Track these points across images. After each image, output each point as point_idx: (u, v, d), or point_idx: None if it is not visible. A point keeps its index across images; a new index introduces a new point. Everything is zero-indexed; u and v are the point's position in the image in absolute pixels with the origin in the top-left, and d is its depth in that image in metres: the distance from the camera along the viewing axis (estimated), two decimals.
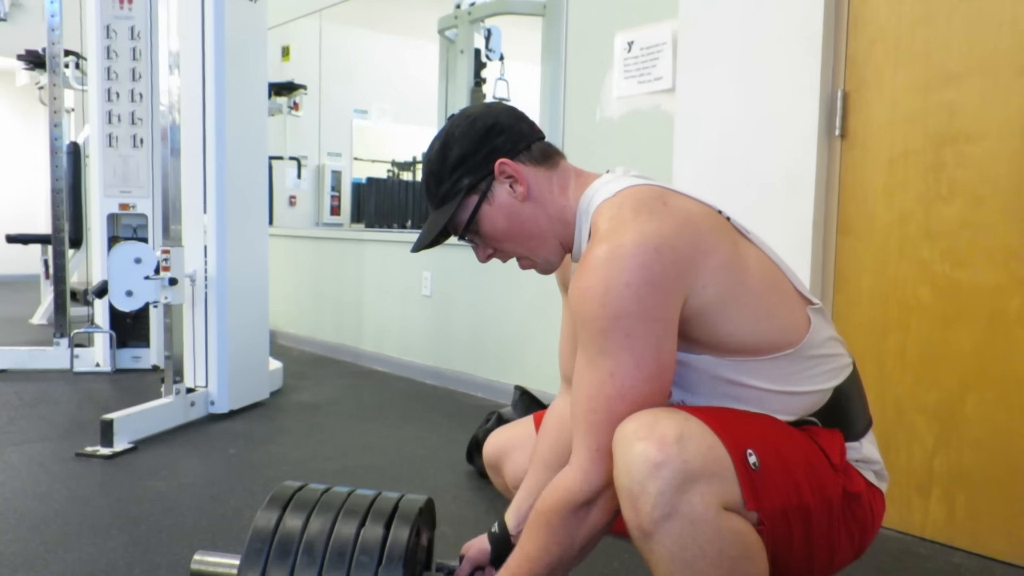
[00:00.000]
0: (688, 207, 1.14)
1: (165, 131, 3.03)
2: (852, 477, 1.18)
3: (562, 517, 1.10)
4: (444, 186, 1.23)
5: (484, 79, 4.62)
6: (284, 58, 6.60)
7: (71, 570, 1.73)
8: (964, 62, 1.93)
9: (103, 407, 2.90)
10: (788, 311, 1.16)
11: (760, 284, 1.14)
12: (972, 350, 1.93)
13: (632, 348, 1.04)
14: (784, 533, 1.09)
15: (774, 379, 1.15)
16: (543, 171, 1.23)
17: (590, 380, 1.07)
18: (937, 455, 2.00)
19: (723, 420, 1.07)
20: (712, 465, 1.00)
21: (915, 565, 1.89)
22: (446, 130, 1.24)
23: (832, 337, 1.21)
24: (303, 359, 4.64)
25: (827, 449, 1.16)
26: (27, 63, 5.36)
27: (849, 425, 1.22)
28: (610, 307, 1.03)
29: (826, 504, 1.12)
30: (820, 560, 1.16)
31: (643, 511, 0.98)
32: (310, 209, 6.81)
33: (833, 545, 1.16)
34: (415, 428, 3.09)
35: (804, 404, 1.18)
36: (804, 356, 1.15)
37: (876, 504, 1.23)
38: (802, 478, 1.10)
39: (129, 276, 2.87)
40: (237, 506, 2.15)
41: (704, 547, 0.98)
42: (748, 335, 1.12)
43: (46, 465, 2.47)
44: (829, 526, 1.14)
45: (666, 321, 1.05)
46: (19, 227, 7.77)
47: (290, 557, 1.19)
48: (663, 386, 1.07)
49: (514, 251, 1.26)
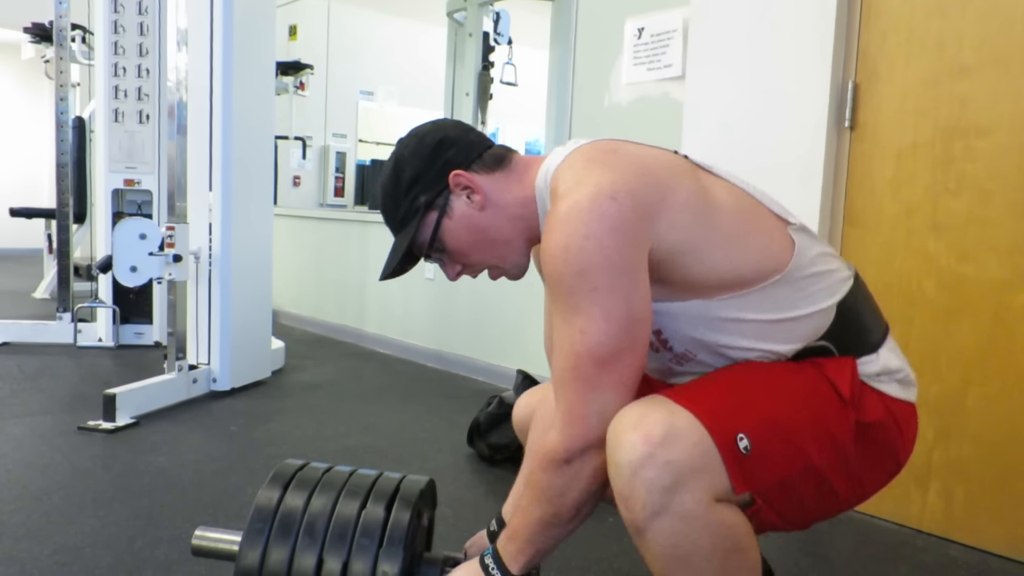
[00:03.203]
0: (642, 153, 1.13)
1: (172, 108, 3.02)
2: (867, 405, 1.11)
3: (546, 476, 1.09)
4: (402, 208, 1.22)
5: (492, 63, 4.60)
6: (291, 37, 6.57)
7: (73, 542, 1.74)
8: (977, 55, 1.92)
9: (105, 382, 2.91)
10: (767, 237, 1.12)
11: (731, 216, 1.11)
12: (975, 344, 1.93)
13: (600, 302, 1.01)
14: (791, 499, 1.08)
15: (770, 308, 1.11)
16: (498, 175, 1.21)
17: (563, 339, 1.06)
18: (937, 448, 2.00)
19: (715, 403, 1.04)
20: (699, 461, 0.99)
21: (912, 557, 1.90)
22: (396, 152, 1.24)
23: (822, 253, 1.16)
24: (305, 339, 4.65)
25: (836, 381, 1.10)
26: (33, 36, 5.34)
27: (863, 337, 1.16)
28: (572, 263, 1.01)
29: (838, 452, 1.09)
30: (848, 498, 1.15)
31: (634, 510, 0.99)
32: (314, 190, 6.81)
33: (856, 482, 1.14)
34: (416, 410, 3.10)
35: (809, 328, 1.13)
36: (795, 278, 1.11)
37: (904, 419, 1.17)
38: (807, 439, 1.07)
39: (134, 252, 2.87)
40: (238, 482, 2.16)
41: (697, 542, 0.98)
42: (729, 269, 1.09)
43: (48, 438, 2.48)
44: (845, 470, 1.11)
45: (633, 271, 1.03)
46: (23, 201, 7.78)
47: (291, 537, 1.20)
48: (637, 338, 1.04)
49: (482, 262, 1.25)
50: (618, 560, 1.79)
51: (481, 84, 4.53)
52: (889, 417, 1.13)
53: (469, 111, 4.52)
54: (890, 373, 1.16)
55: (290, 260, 5.11)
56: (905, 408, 1.17)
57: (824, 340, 1.14)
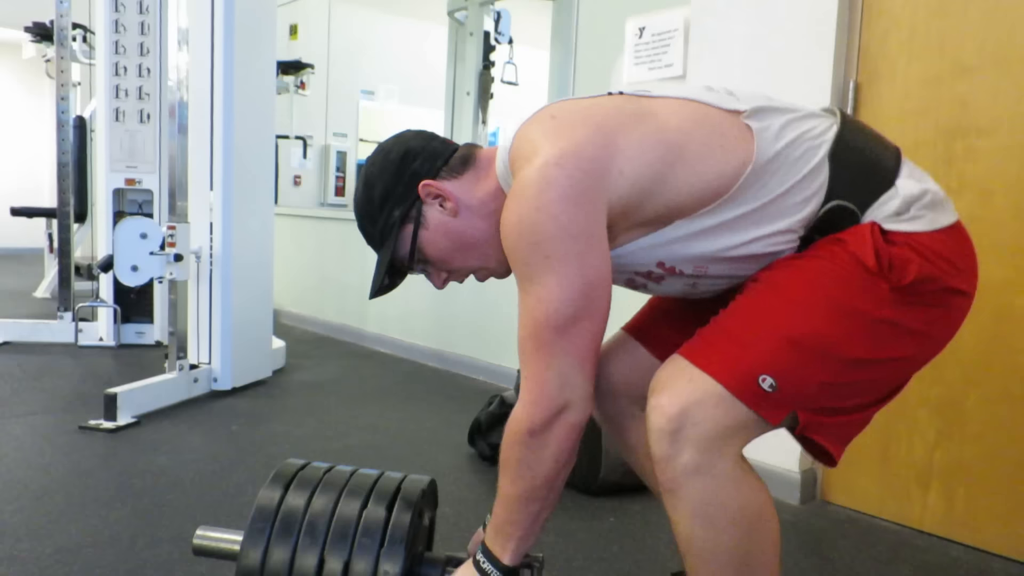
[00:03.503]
0: (580, 109, 1.13)
1: (173, 108, 3.02)
2: (900, 265, 1.03)
3: (515, 450, 1.10)
4: (378, 225, 1.24)
5: (493, 62, 4.60)
6: (292, 36, 6.57)
7: (74, 541, 1.75)
8: (978, 56, 1.92)
9: (106, 381, 2.91)
10: (722, 138, 1.09)
11: (683, 134, 1.09)
12: (976, 345, 1.93)
13: (554, 269, 1.03)
14: (841, 393, 1.06)
15: (753, 198, 1.08)
16: (466, 176, 1.22)
17: (522, 310, 1.08)
18: (938, 449, 2.00)
19: (730, 352, 1.04)
20: (724, 422, 1.01)
21: (913, 557, 1.90)
22: (364, 171, 1.26)
23: (788, 122, 1.11)
24: (306, 339, 4.65)
25: (860, 254, 1.04)
26: (34, 35, 5.34)
27: (874, 174, 1.10)
28: (526, 235, 1.04)
29: (877, 328, 1.04)
30: (918, 354, 1.10)
31: (666, 473, 1.02)
32: (315, 189, 6.81)
33: (922, 336, 1.09)
34: (417, 410, 3.10)
35: (804, 195, 1.08)
36: (765, 162, 1.08)
37: (950, 250, 1.07)
38: (840, 339, 1.03)
39: (135, 251, 2.87)
40: (239, 482, 2.16)
41: (725, 503, 1.01)
42: (698, 185, 1.07)
43: (50, 437, 2.48)
44: (896, 338, 1.06)
45: (588, 235, 1.03)
46: (24, 200, 7.79)
47: (292, 536, 1.20)
48: (593, 302, 1.04)
49: (466, 265, 1.26)
50: (618, 561, 1.79)
51: (482, 83, 4.53)
52: (928, 266, 1.04)
53: (470, 110, 4.53)
54: (915, 202, 1.08)
55: (291, 259, 5.11)
56: (945, 239, 1.08)
57: (836, 200, 1.08)
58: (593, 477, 2.15)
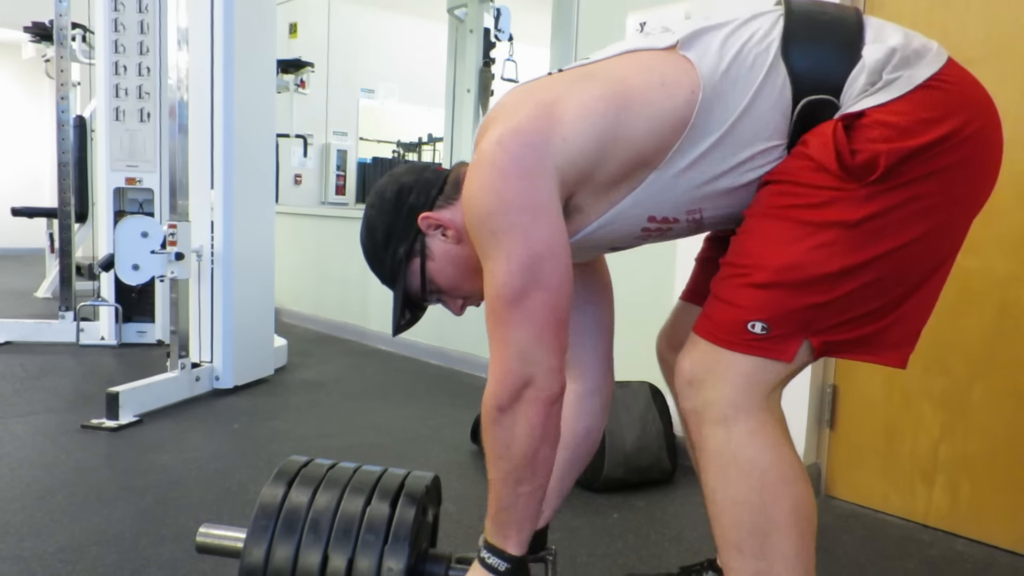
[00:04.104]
0: (514, 96, 1.15)
1: (173, 107, 3.02)
2: (865, 160, 0.98)
3: (489, 431, 1.11)
4: (387, 265, 1.25)
5: (493, 59, 4.59)
6: (291, 35, 6.57)
7: (77, 540, 1.74)
8: (981, 46, 1.91)
9: (108, 380, 2.91)
10: (660, 75, 1.07)
11: (619, 83, 1.07)
12: (981, 338, 1.92)
13: (500, 243, 1.04)
14: (844, 305, 1.02)
15: (717, 126, 1.05)
16: (461, 200, 1.20)
17: (484, 288, 1.09)
18: (943, 443, 2.00)
19: (717, 310, 1.07)
20: (728, 375, 1.04)
21: (918, 552, 1.90)
22: (364, 216, 1.27)
23: (727, 36, 1.07)
24: (307, 337, 4.64)
25: (823, 160, 1.00)
26: (33, 35, 5.34)
27: (835, 51, 1.04)
28: (473, 214, 1.06)
29: (863, 233, 1.00)
30: (937, 226, 1.04)
31: (691, 432, 1.10)
32: (315, 187, 6.81)
33: (940, 217, 1.03)
34: (419, 407, 3.09)
35: (771, 102, 1.04)
36: (717, 82, 1.04)
37: (933, 102, 1.00)
38: (819, 259, 1.00)
39: (136, 250, 2.87)
40: (241, 480, 2.16)
41: (736, 453, 1.04)
42: (652, 127, 1.05)
43: (52, 436, 2.48)
44: (889, 233, 1.01)
45: (533, 208, 1.04)
46: (24, 200, 7.78)
47: (296, 533, 1.19)
48: (541, 274, 1.03)
49: (478, 289, 1.24)
50: (622, 556, 1.79)
51: (482, 80, 4.53)
52: (904, 140, 0.98)
53: (470, 108, 4.52)
54: (884, 67, 1.01)
55: (292, 258, 5.10)
56: (925, 94, 1.00)
57: (806, 97, 1.03)
58: (596, 474, 2.15)
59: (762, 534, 1.03)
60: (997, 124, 1.06)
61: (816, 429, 2.22)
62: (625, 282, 1.10)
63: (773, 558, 1.03)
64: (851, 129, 1.00)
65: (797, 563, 1.04)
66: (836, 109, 1.03)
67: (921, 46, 1.04)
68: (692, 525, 1.98)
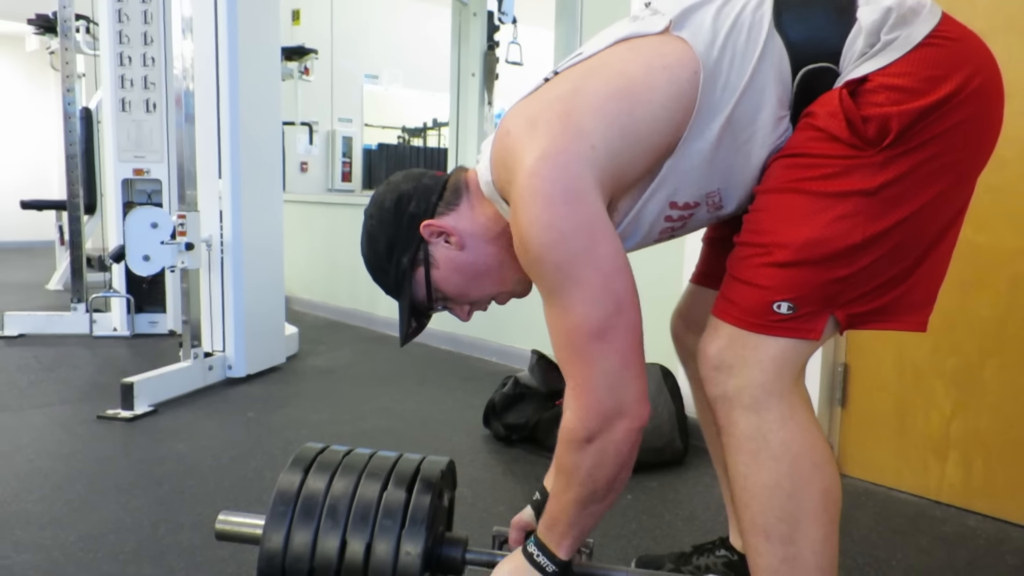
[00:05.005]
0: (524, 112, 1.10)
1: (179, 97, 3.02)
2: (877, 124, 0.97)
3: (573, 457, 1.09)
4: (391, 275, 1.23)
5: (497, 42, 4.56)
6: (295, 22, 6.55)
7: (96, 528, 1.76)
8: (990, 20, 1.89)
9: (122, 371, 2.93)
10: (661, 59, 1.05)
11: (622, 78, 1.06)
12: (992, 315, 1.92)
13: (569, 276, 1.01)
14: (871, 273, 1.02)
15: (722, 105, 1.04)
16: (463, 206, 1.20)
17: (551, 323, 1.06)
18: (955, 420, 2.00)
19: (742, 292, 1.05)
20: (756, 357, 1.04)
21: (931, 528, 1.90)
22: (365, 227, 1.25)
23: (718, 11, 1.05)
24: (318, 324, 4.66)
25: (833, 130, 1.00)
26: (38, 28, 5.34)
27: (829, 19, 1.03)
28: (531, 252, 1.02)
29: (884, 200, 0.99)
30: (954, 183, 1.04)
31: (719, 416, 1.08)
32: (321, 175, 6.81)
33: (953, 172, 1.03)
34: (431, 393, 3.11)
35: (773, 74, 1.03)
36: (716, 60, 1.03)
37: (936, 59, 0.98)
38: (842, 232, 0.99)
39: (146, 241, 2.88)
40: (257, 467, 2.18)
41: (767, 436, 1.03)
42: (663, 113, 1.04)
43: (68, 427, 2.50)
44: (911, 194, 1.00)
45: (588, 229, 1.00)
46: (32, 193, 7.82)
47: (314, 519, 1.20)
48: (617, 295, 1.02)
49: (486, 293, 1.26)
50: (636, 537, 1.80)
51: (487, 64, 4.50)
52: (912, 100, 0.97)
53: (475, 92, 4.50)
54: (881, 28, 1.00)
55: (300, 246, 5.11)
56: (926, 51, 0.99)
57: (806, 66, 1.03)
58: None
59: (793, 520, 1.03)
60: (998, 75, 1.04)
61: (828, 408, 2.22)
62: (633, 264, 1.09)
63: (802, 543, 1.03)
64: (857, 95, 0.99)
65: (826, 547, 1.04)
66: (836, 75, 1.02)
67: (916, 3, 1.02)
68: (705, 505, 1.99)
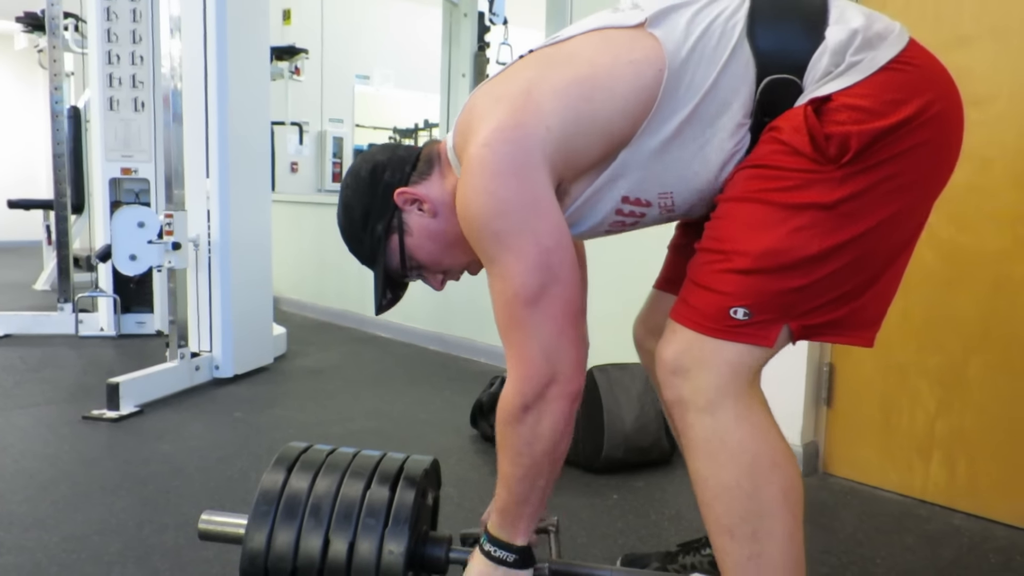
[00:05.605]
0: (489, 89, 1.14)
1: (167, 95, 3.00)
2: (838, 141, 0.99)
3: (511, 429, 1.10)
4: (366, 243, 1.26)
5: (488, 43, 4.57)
6: (285, 21, 6.53)
7: (81, 529, 1.75)
8: (975, 26, 1.90)
9: (108, 371, 2.91)
10: (629, 53, 1.07)
11: (589, 64, 1.08)
12: (976, 314, 1.93)
13: (507, 245, 1.04)
14: (827, 286, 1.03)
15: (687, 99, 1.05)
16: (434, 175, 1.23)
17: (492, 292, 1.09)
18: (939, 419, 2.01)
19: (699, 297, 1.06)
20: (712, 361, 1.04)
21: (915, 527, 1.91)
22: (341, 197, 1.28)
23: (695, 13, 1.07)
24: (306, 325, 4.65)
25: (796, 144, 1.01)
26: (26, 26, 5.30)
27: (799, 35, 1.05)
28: (473, 219, 1.06)
29: (842, 214, 1.01)
30: (907, 205, 1.06)
31: (675, 419, 1.08)
32: (312, 175, 6.79)
33: (914, 195, 1.05)
34: (419, 393, 3.11)
35: (736, 82, 1.05)
36: (683, 61, 1.05)
37: (898, 83, 1.01)
38: (800, 242, 1.01)
39: (133, 240, 2.87)
40: (243, 468, 2.17)
41: (724, 438, 1.04)
42: (622, 105, 1.06)
43: (54, 427, 2.49)
44: (868, 210, 1.02)
45: (532, 204, 1.04)
46: (20, 193, 7.77)
47: (297, 518, 1.20)
48: (554, 268, 1.04)
49: (458, 263, 1.27)
50: (622, 537, 1.80)
51: (477, 65, 4.51)
52: (872, 121, 0.99)
53: (466, 93, 4.50)
54: (847, 49, 1.02)
55: (289, 246, 5.10)
56: (888, 75, 1.01)
57: (770, 76, 1.04)
58: (596, 455, 2.16)
59: (755, 518, 1.04)
60: (959, 104, 1.07)
61: (814, 407, 2.23)
62: (621, 267, 1.09)
63: (766, 541, 1.05)
64: (820, 113, 1.01)
65: (790, 544, 1.06)
66: (799, 89, 1.04)
67: (884, 28, 1.04)
68: (691, 505, 2.00)
